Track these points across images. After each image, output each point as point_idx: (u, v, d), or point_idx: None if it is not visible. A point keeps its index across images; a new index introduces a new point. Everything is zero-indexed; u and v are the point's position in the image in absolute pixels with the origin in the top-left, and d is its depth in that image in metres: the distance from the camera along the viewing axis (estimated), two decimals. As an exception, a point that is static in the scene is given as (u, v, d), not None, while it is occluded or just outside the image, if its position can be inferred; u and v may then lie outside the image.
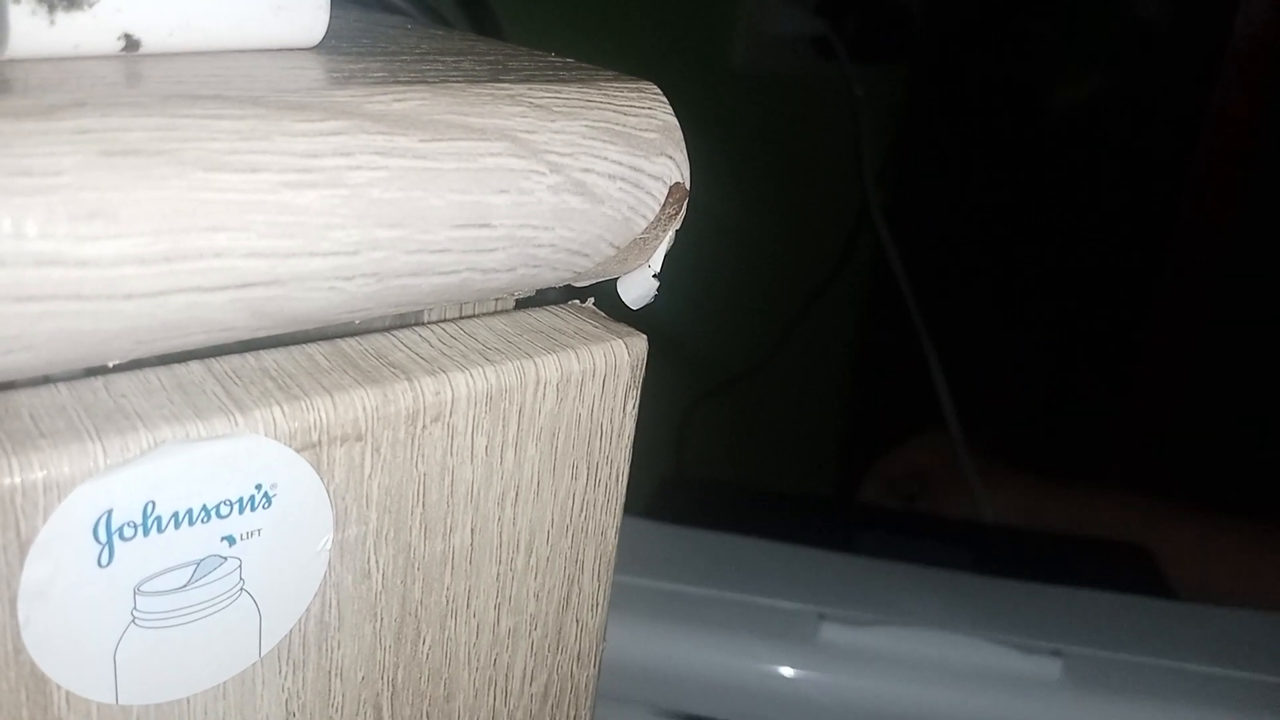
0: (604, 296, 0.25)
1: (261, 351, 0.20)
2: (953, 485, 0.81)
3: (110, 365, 0.18)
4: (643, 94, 0.23)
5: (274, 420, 0.18)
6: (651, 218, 0.22)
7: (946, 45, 1.10)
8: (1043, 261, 1.06)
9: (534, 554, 0.23)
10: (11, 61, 0.18)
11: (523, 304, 0.24)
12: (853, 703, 0.51)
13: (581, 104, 0.21)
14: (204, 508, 0.18)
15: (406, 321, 0.22)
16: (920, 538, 0.71)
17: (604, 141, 0.21)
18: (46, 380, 0.18)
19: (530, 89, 0.21)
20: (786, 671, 0.51)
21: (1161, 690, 0.49)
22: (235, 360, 0.19)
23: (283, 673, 0.20)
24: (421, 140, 0.19)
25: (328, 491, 0.19)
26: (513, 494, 0.22)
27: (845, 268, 1.05)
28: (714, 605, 0.53)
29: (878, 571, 0.57)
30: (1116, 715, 0.49)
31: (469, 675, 0.23)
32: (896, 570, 0.57)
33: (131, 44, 0.19)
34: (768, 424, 0.99)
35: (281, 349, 0.20)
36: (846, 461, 1.18)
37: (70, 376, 0.18)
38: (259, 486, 0.18)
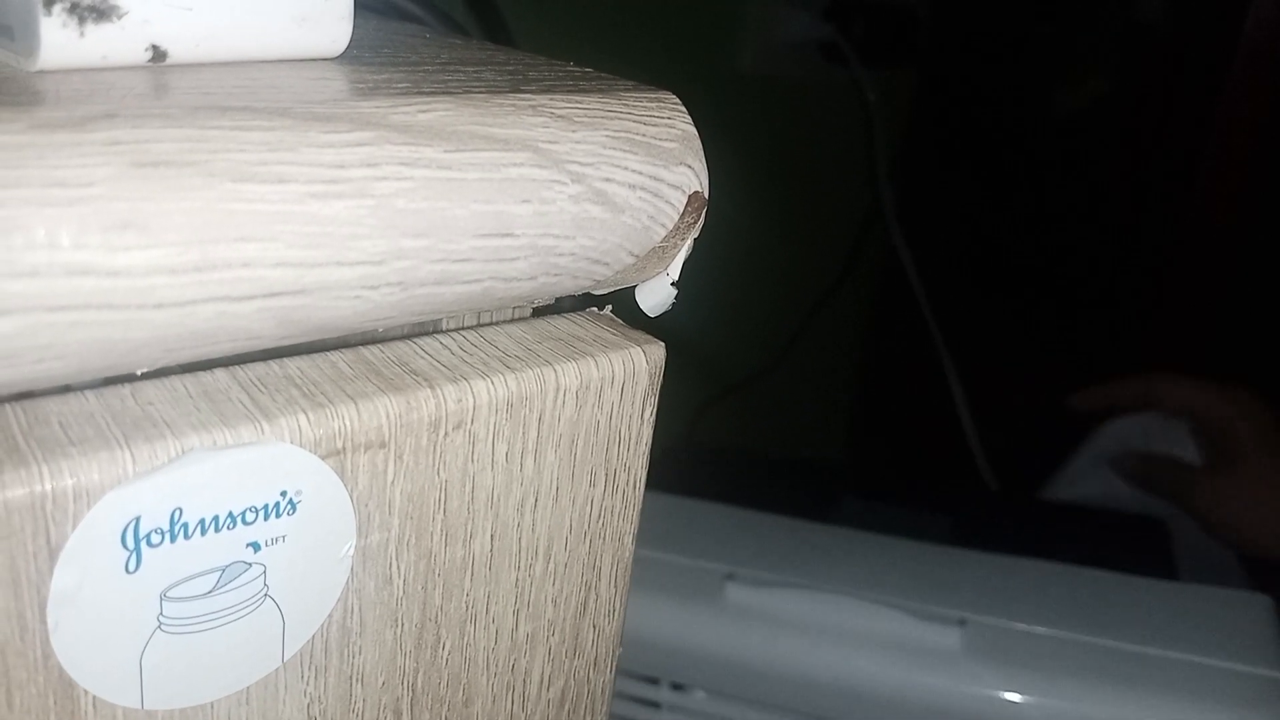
0: (619, 303, 0.25)
1: (286, 359, 0.20)
2: None
3: (138, 373, 0.18)
4: (662, 104, 0.23)
5: (299, 428, 0.18)
6: (670, 226, 0.23)
7: (955, 49, 1.10)
8: (1055, 262, 1.06)
9: (552, 560, 0.23)
10: (42, 73, 0.18)
11: (540, 311, 0.24)
12: (754, 662, 0.51)
13: (602, 114, 0.21)
14: (230, 514, 0.18)
15: (427, 329, 0.23)
16: (851, 500, 0.69)
17: (624, 151, 0.21)
18: (74, 388, 0.18)
19: (551, 99, 0.21)
20: (691, 630, 0.51)
21: (1060, 658, 0.49)
22: (260, 368, 0.19)
23: (305, 678, 0.20)
24: (446, 151, 0.19)
25: (351, 498, 0.19)
26: (532, 500, 0.22)
27: (854, 270, 1.05)
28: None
29: (793, 532, 0.57)
30: (1015, 682, 0.48)
31: (487, 680, 0.23)
32: (813, 532, 0.57)
33: (159, 55, 0.19)
34: (777, 426, 0.99)
35: (305, 356, 0.20)
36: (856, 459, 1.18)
37: (98, 384, 0.18)
38: (284, 493, 0.18)
